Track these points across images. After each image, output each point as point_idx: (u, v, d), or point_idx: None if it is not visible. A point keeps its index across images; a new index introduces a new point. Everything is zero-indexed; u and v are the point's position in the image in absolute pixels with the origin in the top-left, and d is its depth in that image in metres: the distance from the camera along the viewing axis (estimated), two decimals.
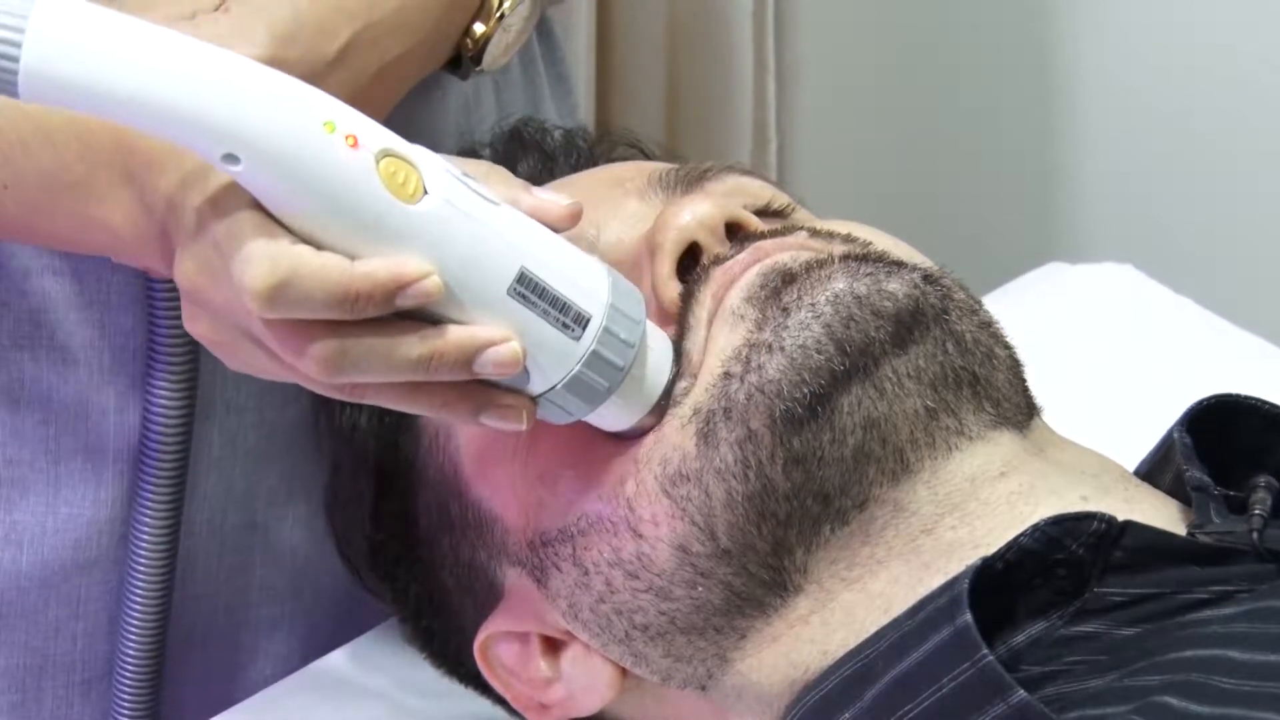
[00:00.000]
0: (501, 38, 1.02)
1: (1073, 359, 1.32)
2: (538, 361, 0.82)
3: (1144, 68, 2.04)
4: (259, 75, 0.77)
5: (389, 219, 0.78)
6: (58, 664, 1.07)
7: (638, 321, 0.85)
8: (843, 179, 2.26)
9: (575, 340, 0.83)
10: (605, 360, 0.84)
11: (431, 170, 0.79)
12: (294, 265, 0.77)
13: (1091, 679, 0.81)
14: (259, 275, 0.77)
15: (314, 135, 0.76)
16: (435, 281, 0.78)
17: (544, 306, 0.82)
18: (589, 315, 0.83)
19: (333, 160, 0.77)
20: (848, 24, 2.25)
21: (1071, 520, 0.84)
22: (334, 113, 0.77)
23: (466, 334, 0.80)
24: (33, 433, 1.03)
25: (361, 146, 0.77)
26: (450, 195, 0.79)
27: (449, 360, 0.80)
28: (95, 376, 1.03)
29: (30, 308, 1.01)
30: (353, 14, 0.94)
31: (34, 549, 1.04)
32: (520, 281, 0.81)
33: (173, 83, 0.75)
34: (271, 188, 0.77)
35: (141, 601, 1.04)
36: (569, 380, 0.83)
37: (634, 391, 0.87)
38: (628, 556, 0.90)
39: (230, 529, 1.09)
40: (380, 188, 0.77)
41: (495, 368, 0.81)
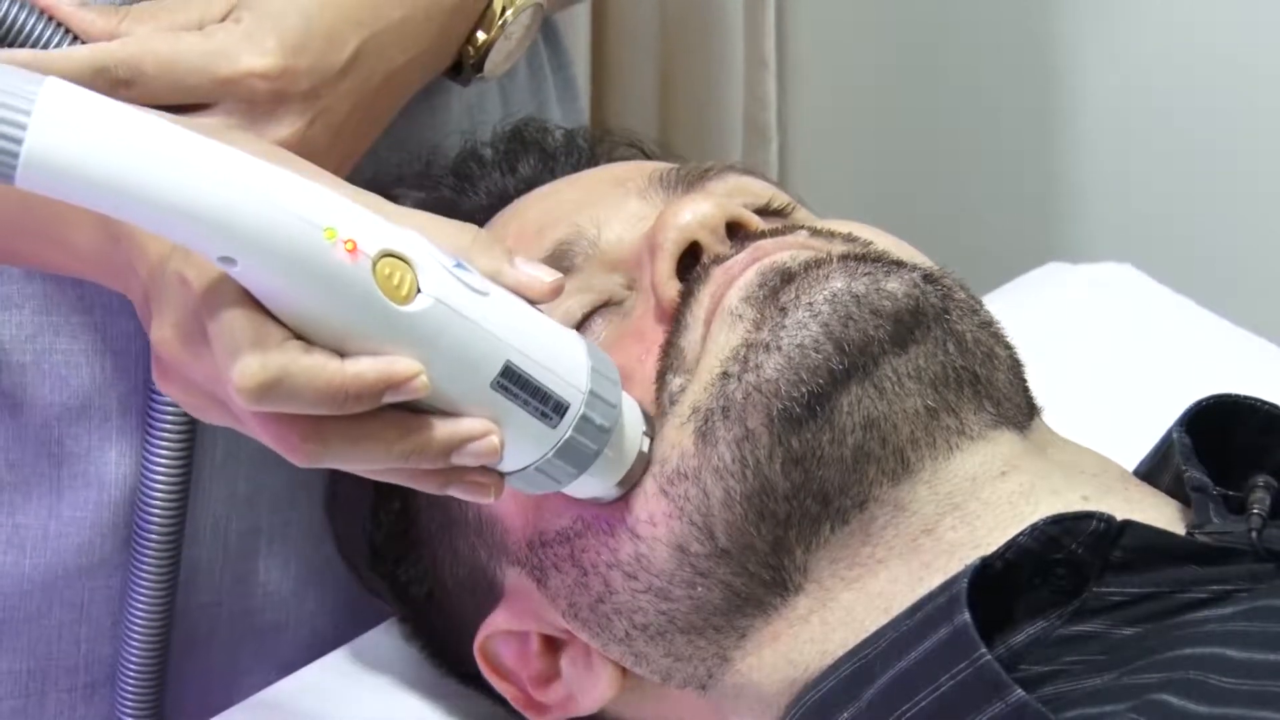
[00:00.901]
0: (503, 45, 1.02)
1: (1073, 359, 1.32)
2: (514, 446, 0.83)
3: (1144, 68, 2.04)
4: (261, 178, 0.76)
5: (383, 321, 0.78)
6: (61, 668, 1.07)
7: (613, 405, 0.86)
8: (843, 179, 2.26)
9: (552, 428, 0.84)
10: (579, 445, 0.85)
11: (425, 267, 0.79)
12: (284, 365, 0.77)
13: (1090, 678, 0.81)
14: (249, 375, 0.76)
15: (314, 244, 0.76)
16: (423, 381, 0.79)
17: (525, 397, 0.82)
18: (567, 403, 0.84)
19: (332, 269, 0.77)
20: (848, 23, 2.25)
21: (1071, 520, 0.84)
22: (334, 218, 0.77)
23: (449, 430, 0.80)
24: (35, 436, 1.03)
25: (360, 252, 0.77)
26: (441, 293, 0.79)
27: (430, 454, 0.81)
28: (97, 380, 1.03)
29: (33, 310, 1.01)
30: (360, 23, 0.94)
31: (37, 552, 1.04)
32: (504, 375, 0.81)
33: (174, 183, 0.74)
34: (267, 288, 0.77)
35: (145, 606, 1.03)
36: (541, 463, 0.85)
37: (605, 468, 0.88)
38: (625, 558, 0.90)
39: (234, 534, 1.09)
40: (376, 293, 0.77)
41: (473, 459, 0.81)
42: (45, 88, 0.72)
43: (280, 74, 0.91)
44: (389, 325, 0.78)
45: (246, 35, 0.91)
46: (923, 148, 2.24)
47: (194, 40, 0.91)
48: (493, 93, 1.15)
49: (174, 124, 0.75)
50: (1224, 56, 1.98)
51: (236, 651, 1.11)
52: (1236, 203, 2.03)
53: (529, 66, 1.19)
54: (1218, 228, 2.04)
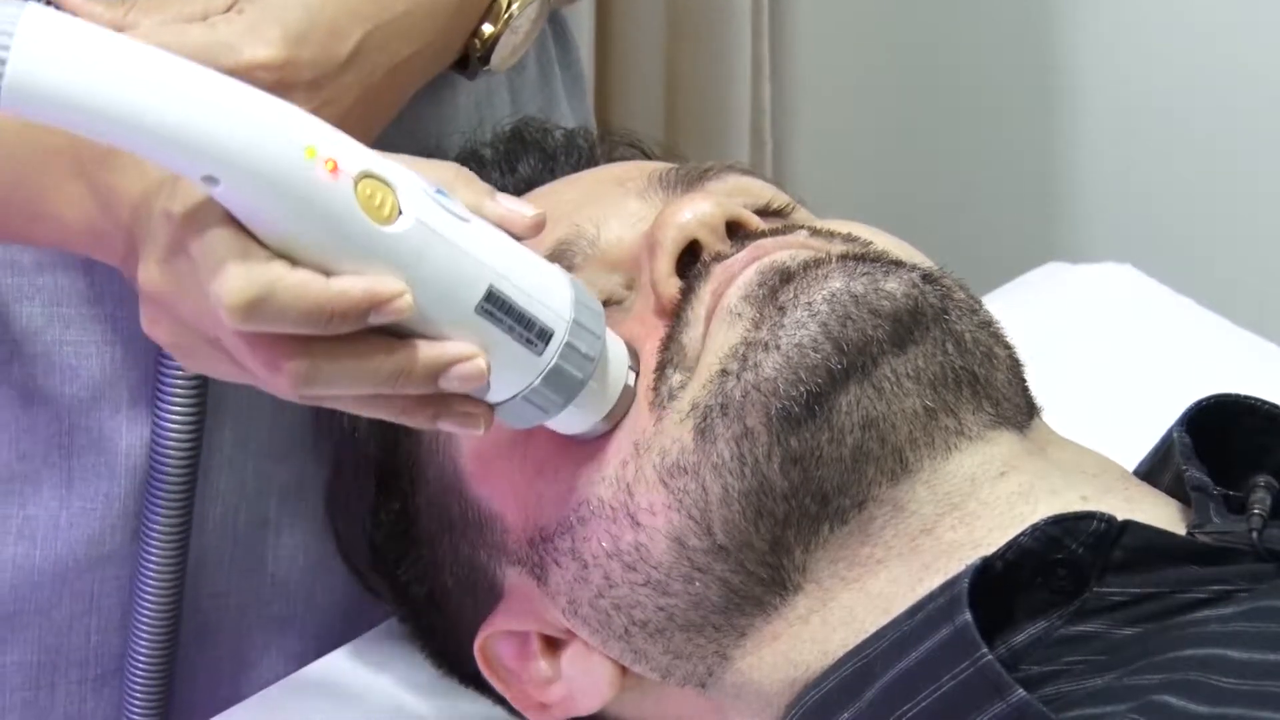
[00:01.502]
0: (510, 39, 1.03)
1: (1073, 359, 1.31)
2: (500, 374, 0.83)
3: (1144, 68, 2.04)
4: (242, 97, 0.77)
5: (365, 240, 0.79)
6: (71, 660, 1.07)
7: (598, 336, 0.87)
8: (843, 179, 2.26)
9: (538, 355, 0.84)
10: (565, 373, 0.85)
11: (406, 190, 0.80)
12: (270, 282, 0.77)
13: (1091, 678, 0.81)
14: (235, 290, 0.77)
15: (295, 162, 0.77)
16: (407, 300, 0.79)
17: (510, 322, 0.83)
18: (552, 330, 0.84)
19: (313, 186, 0.77)
20: (849, 23, 2.25)
21: (1071, 520, 0.84)
22: (314, 137, 0.78)
23: (435, 352, 0.81)
24: (46, 428, 1.03)
25: (340, 171, 0.78)
26: (423, 215, 0.80)
27: (416, 377, 0.81)
28: (107, 371, 1.03)
29: (43, 302, 1.02)
30: (364, 16, 0.94)
31: (47, 544, 1.04)
32: (488, 299, 0.82)
33: (156, 103, 0.75)
34: (250, 208, 0.78)
35: (153, 597, 1.04)
36: (529, 391, 0.85)
37: (590, 401, 0.88)
38: (626, 546, 0.90)
39: (242, 526, 1.09)
40: (358, 212, 0.78)
41: (460, 383, 0.82)
42: (26, 12, 0.73)
43: (283, 65, 0.92)
44: (371, 245, 0.79)
45: (249, 27, 0.91)
46: (923, 148, 2.24)
47: (198, 32, 0.91)
48: (501, 88, 1.15)
49: (156, 48, 0.76)
50: (1224, 56, 1.98)
51: (245, 643, 1.11)
52: (1236, 203, 2.03)
53: (538, 62, 1.19)
54: (1218, 228, 2.04)
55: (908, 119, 2.24)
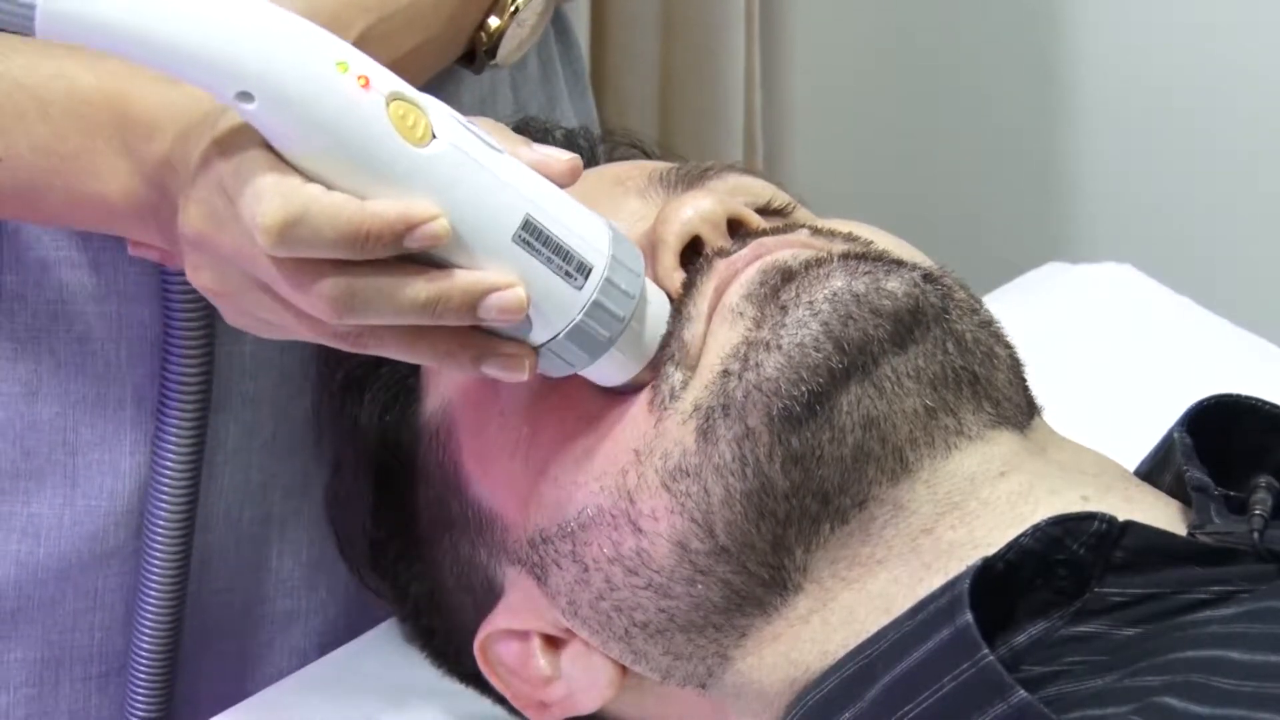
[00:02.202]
0: (516, 32, 1.03)
1: (1073, 359, 1.31)
2: (540, 310, 0.83)
3: (1144, 67, 2.04)
4: (273, 14, 0.78)
5: (398, 161, 0.79)
6: (75, 657, 1.07)
7: (637, 274, 0.86)
8: (843, 178, 2.26)
9: (578, 289, 0.84)
10: (607, 310, 0.85)
11: (440, 116, 0.80)
12: (305, 202, 0.78)
13: (1092, 679, 0.81)
14: (270, 211, 0.77)
15: (327, 74, 0.78)
16: (443, 224, 0.79)
17: (548, 254, 0.82)
18: (591, 265, 0.84)
19: (345, 99, 0.78)
20: (848, 21, 2.25)
21: (1072, 520, 0.84)
22: (346, 54, 0.79)
23: (473, 278, 0.81)
24: (50, 425, 1.03)
25: (372, 88, 0.78)
26: (458, 140, 0.80)
27: (454, 304, 0.81)
28: (112, 369, 1.03)
29: (48, 299, 1.02)
30: (366, 8, 0.94)
31: (51, 541, 1.04)
32: (525, 229, 0.82)
33: (188, 21, 0.76)
34: (283, 126, 0.78)
35: (157, 594, 1.04)
36: (571, 329, 0.84)
37: (632, 344, 0.88)
38: (627, 552, 0.90)
39: (247, 522, 1.09)
40: (390, 128, 0.78)
41: (500, 313, 0.81)
42: None
43: None
44: (404, 166, 0.79)
45: None
46: (923, 148, 2.24)
47: None
48: (504, 85, 1.15)
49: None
50: (1224, 56, 1.98)
51: (250, 640, 1.11)
52: (1236, 203, 2.03)
53: (539, 59, 1.19)
54: (1218, 228, 2.04)
55: (907, 119, 2.24)
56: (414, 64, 0.99)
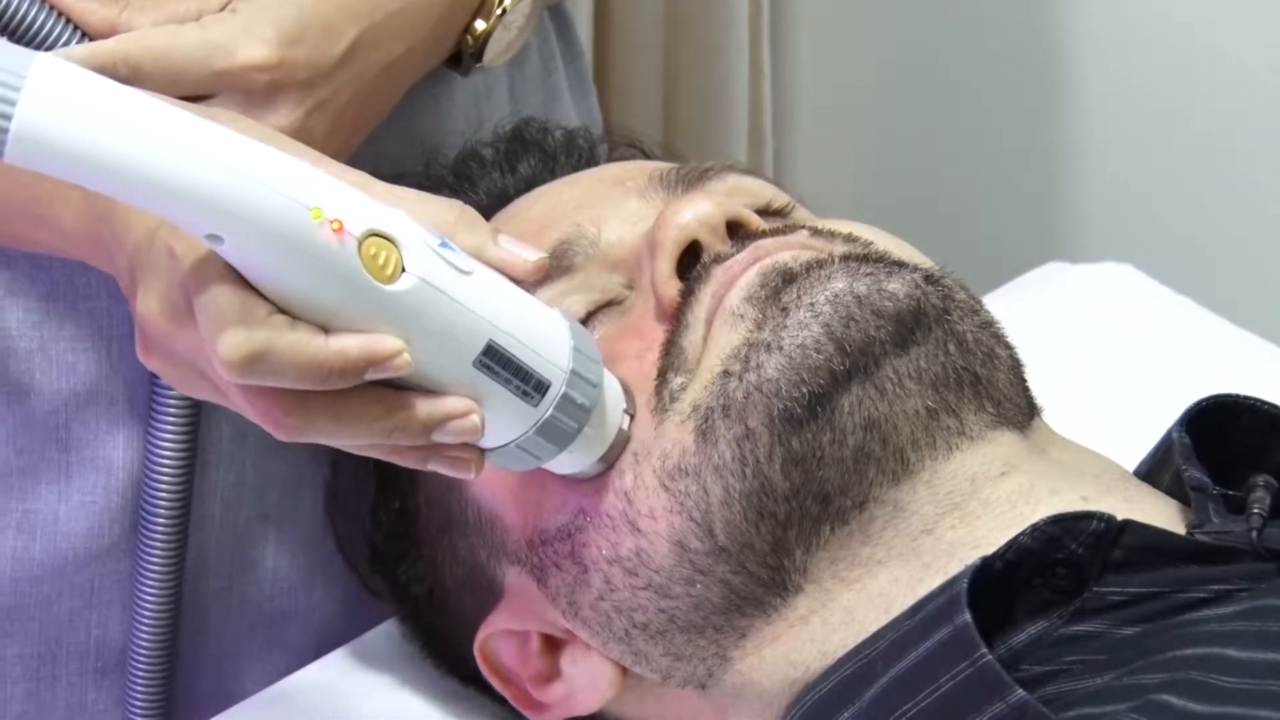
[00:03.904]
0: (503, 35, 1.03)
1: (1073, 359, 1.32)
2: (495, 424, 0.84)
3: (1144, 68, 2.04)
4: (250, 156, 0.77)
5: (367, 299, 0.79)
6: (71, 652, 1.07)
7: (595, 385, 0.87)
8: (843, 179, 2.26)
9: (533, 406, 0.85)
10: (559, 424, 0.86)
11: (410, 247, 0.80)
12: (269, 340, 0.78)
13: (1091, 678, 0.81)
14: (233, 347, 0.77)
15: (300, 224, 0.77)
16: (405, 359, 0.80)
17: (507, 376, 0.83)
18: (549, 383, 0.85)
19: (317, 248, 0.77)
20: (848, 22, 2.25)
21: (1071, 520, 0.84)
22: (321, 198, 0.78)
23: (429, 407, 0.82)
24: (43, 422, 1.03)
25: (345, 232, 0.78)
26: (426, 273, 0.80)
27: (412, 431, 0.82)
28: (104, 365, 1.03)
29: (39, 296, 1.02)
30: (357, 14, 0.95)
31: (47, 537, 1.05)
32: (487, 354, 0.82)
33: (163, 161, 0.75)
34: (253, 265, 0.78)
35: (153, 591, 1.04)
36: (523, 440, 0.85)
37: (585, 445, 0.89)
38: (626, 553, 0.90)
39: (243, 521, 1.09)
40: (361, 272, 0.78)
41: (454, 436, 0.82)
42: (37, 64, 0.73)
43: (277, 65, 0.92)
44: (373, 304, 0.79)
45: (243, 27, 0.92)
46: (923, 148, 2.24)
47: (191, 33, 0.91)
48: (500, 84, 1.15)
49: (164, 102, 0.76)
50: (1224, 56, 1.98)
51: (246, 639, 1.11)
52: (1236, 203, 2.03)
53: (540, 57, 1.19)
54: (1218, 228, 2.04)
55: (908, 119, 2.24)
56: (404, 68, 0.99)
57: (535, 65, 1.18)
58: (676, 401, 0.90)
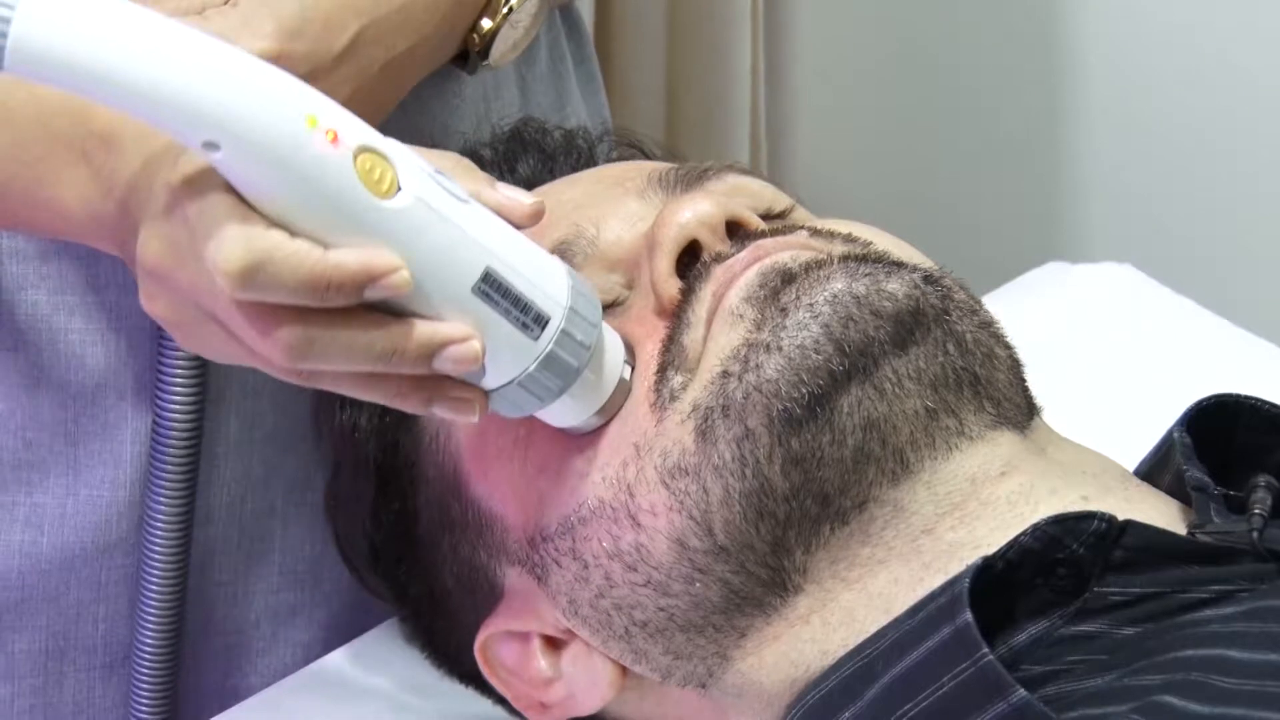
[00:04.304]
0: (509, 33, 1.03)
1: (1073, 359, 1.32)
2: (495, 358, 0.84)
3: (1144, 68, 2.04)
4: (245, 65, 0.77)
5: (363, 213, 0.79)
6: (79, 647, 1.07)
7: (594, 325, 0.87)
8: (843, 178, 2.26)
9: (534, 340, 0.84)
10: (561, 361, 0.85)
11: (406, 167, 0.80)
12: (268, 249, 0.78)
13: (1092, 678, 0.81)
14: (233, 256, 0.77)
15: (295, 129, 0.77)
16: (404, 276, 0.79)
17: (506, 305, 0.83)
18: (548, 316, 0.84)
19: (312, 155, 0.78)
20: (848, 22, 2.25)
21: (1072, 520, 0.84)
22: (316, 107, 0.78)
23: (429, 330, 0.81)
24: (51, 415, 1.03)
25: (341, 142, 0.78)
26: (422, 193, 0.80)
27: (410, 355, 0.81)
28: (112, 359, 1.03)
29: (48, 290, 1.02)
30: (359, 10, 0.94)
31: (55, 531, 1.05)
32: (485, 280, 0.82)
33: (159, 67, 0.75)
34: (249, 176, 0.78)
35: (158, 585, 1.04)
36: (524, 377, 0.85)
37: (585, 392, 0.88)
38: (626, 547, 0.90)
39: (249, 515, 1.09)
40: (357, 183, 0.79)
41: (454, 364, 0.82)
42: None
43: (276, 58, 0.91)
44: (370, 219, 0.79)
45: (244, 20, 0.92)
46: (923, 148, 2.24)
47: (192, 23, 0.91)
48: (510, 82, 1.15)
49: (162, 15, 0.77)
50: (1224, 57, 1.98)
51: (253, 632, 1.12)
52: (1236, 203, 2.03)
53: (550, 56, 1.19)
54: (1218, 228, 2.04)
55: (908, 119, 2.24)
56: (407, 65, 0.99)
57: (545, 65, 1.18)
58: (677, 400, 0.90)
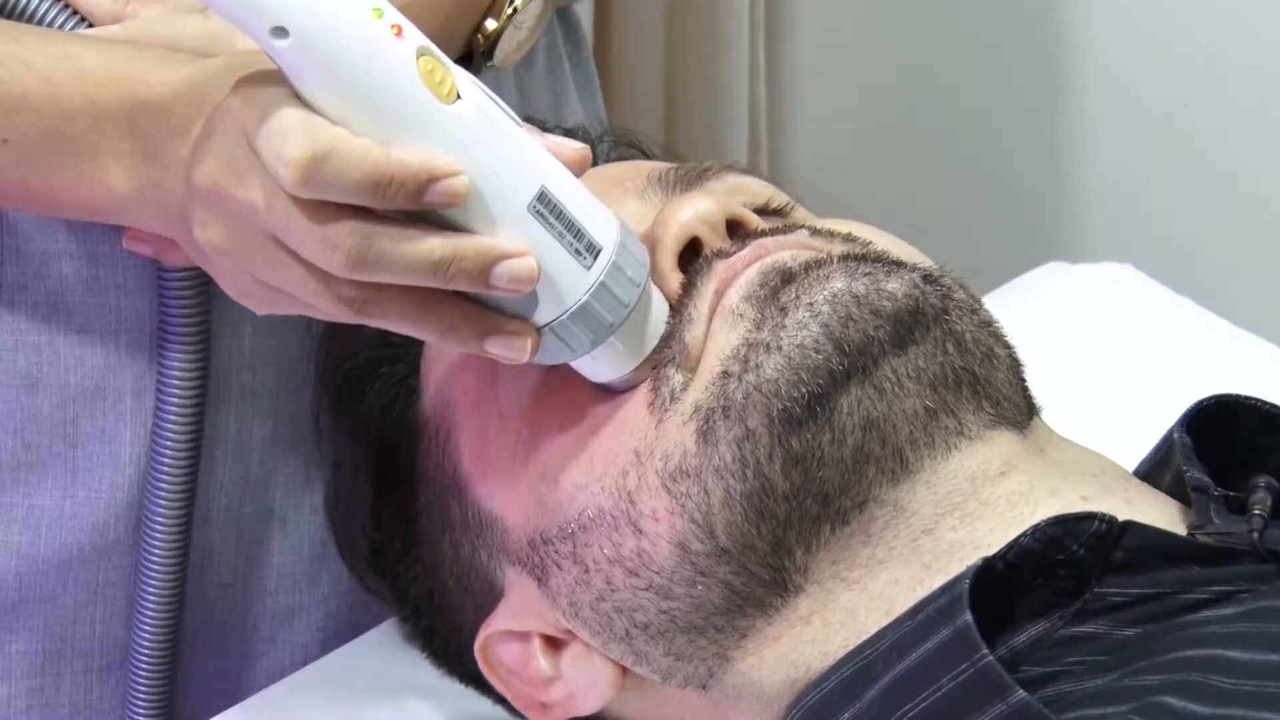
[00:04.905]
0: (513, 34, 1.03)
1: (1073, 359, 1.32)
2: (548, 286, 0.83)
3: (1144, 68, 2.04)
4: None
5: (423, 113, 0.79)
6: (76, 649, 1.07)
7: (643, 264, 0.87)
8: (843, 178, 2.26)
9: (586, 269, 0.84)
10: (613, 294, 0.85)
11: (465, 80, 0.81)
12: (332, 140, 0.78)
13: (1092, 679, 0.81)
14: (297, 146, 0.78)
15: (361, 17, 0.78)
16: (464, 180, 0.79)
17: (560, 229, 0.83)
18: (600, 245, 0.84)
19: (376, 44, 0.78)
20: (848, 22, 2.25)
21: (1072, 520, 0.84)
22: (381, 1, 0.79)
23: (487, 243, 0.81)
24: (50, 416, 1.03)
25: (405, 38, 0.79)
26: (481, 104, 0.81)
27: (467, 266, 0.81)
28: (111, 360, 1.03)
29: (48, 291, 1.02)
30: None
31: (52, 533, 1.04)
32: (540, 200, 0.82)
33: None
34: (313, 66, 0.78)
35: (156, 587, 1.04)
36: (577, 309, 0.84)
37: (632, 337, 0.88)
38: (628, 553, 0.90)
39: (248, 516, 1.09)
40: (418, 80, 0.79)
41: (511, 281, 0.81)
42: None
43: None
44: (430, 120, 0.79)
45: None
46: (923, 147, 2.24)
47: (194, 22, 0.92)
48: (509, 83, 1.15)
49: None
50: (1224, 56, 1.98)
51: (251, 634, 1.11)
52: (1236, 203, 2.03)
53: (547, 58, 1.19)
54: (1218, 228, 2.04)
55: (908, 119, 2.24)
56: None
57: (542, 66, 1.18)
58: (677, 401, 0.90)
